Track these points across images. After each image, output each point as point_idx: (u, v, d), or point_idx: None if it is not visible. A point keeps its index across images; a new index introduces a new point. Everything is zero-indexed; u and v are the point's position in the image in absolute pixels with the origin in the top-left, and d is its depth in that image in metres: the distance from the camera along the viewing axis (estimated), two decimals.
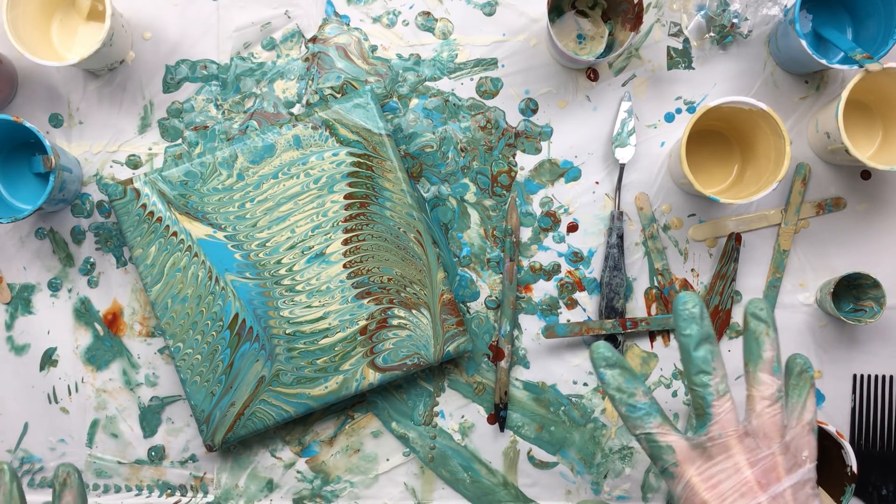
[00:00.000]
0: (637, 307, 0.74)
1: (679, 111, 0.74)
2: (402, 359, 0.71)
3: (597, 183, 0.74)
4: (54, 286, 0.75)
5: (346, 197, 0.71)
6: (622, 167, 0.73)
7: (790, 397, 0.50)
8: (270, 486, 0.74)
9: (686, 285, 0.74)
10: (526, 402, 0.74)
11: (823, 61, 0.66)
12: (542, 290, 0.74)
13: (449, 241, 0.74)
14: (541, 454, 0.74)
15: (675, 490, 0.49)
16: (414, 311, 0.71)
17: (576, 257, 0.74)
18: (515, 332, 0.74)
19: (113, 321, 0.74)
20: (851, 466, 0.64)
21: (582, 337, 0.74)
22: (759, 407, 0.49)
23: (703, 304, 0.50)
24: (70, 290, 0.75)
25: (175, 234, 0.70)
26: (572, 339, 0.74)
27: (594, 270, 0.74)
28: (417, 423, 0.74)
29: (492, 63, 0.74)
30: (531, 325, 0.74)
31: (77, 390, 0.75)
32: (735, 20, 0.71)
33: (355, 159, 0.71)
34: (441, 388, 0.74)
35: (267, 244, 0.70)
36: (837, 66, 0.67)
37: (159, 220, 0.70)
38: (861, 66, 0.65)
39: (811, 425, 0.49)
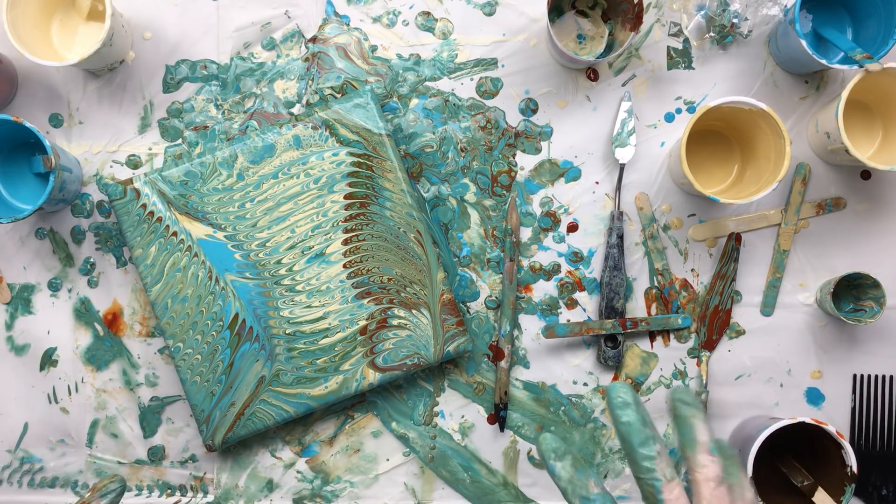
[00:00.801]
0: (637, 307, 0.74)
1: (679, 111, 0.74)
2: (402, 359, 0.71)
3: (597, 183, 0.74)
4: (54, 286, 0.75)
5: (346, 197, 0.71)
6: (622, 167, 0.73)
7: (728, 478, 0.49)
8: (270, 486, 0.74)
9: (686, 285, 0.74)
10: (526, 402, 0.74)
11: (823, 61, 0.66)
12: (542, 290, 0.74)
13: (449, 241, 0.74)
14: None
15: None
16: (414, 311, 0.71)
17: (576, 257, 0.74)
18: (515, 332, 0.74)
19: (113, 321, 0.74)
20: (851, 466, 0.64)
21: (582, 337, 0.74)
22: (706, 491, 0.47)
23: (634, 391, 0.49)
24: (70, 290, 0.75)
25: (175, 234, 0.70)
26: (572, 339, 0.74)
27: (594, 270, 0.74)
28: (417, 423, 0.74)
29: (492, 63, 0.74)
30: (531, 325, 0.74)
31: (77, 390, 0.75)
32: (735, 20, 0.71)
33: (355, 159, 0.71)
34: (441, 388, 0.74)
35: (267, 244, 0.70)
36: (837, 66, 0.67)
37: (159, 220, 0.70)
38: (861, 66, 0.65)
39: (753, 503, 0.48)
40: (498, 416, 0.73)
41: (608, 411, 0.47)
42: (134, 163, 0.74)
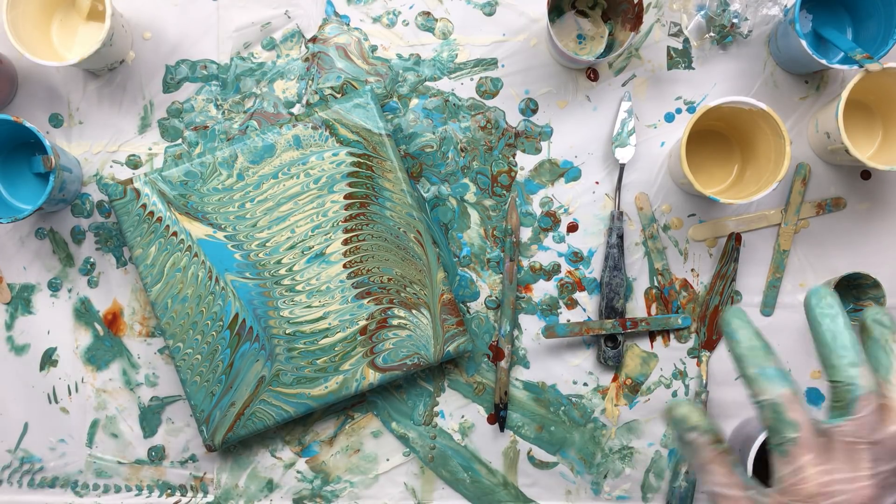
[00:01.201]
0: (637, 307, 0.74)
1: (679, 111, 0.74)
2: (402, 359, 0.71)
3: (597, 183, 0.74)
4: (54, 286, 0.75)
5: (346, 197, 0.71)
6: (622, 167, 0.73)
7: None
8: (270, 486, 0.74)
9: (686, 285, 0.74)
10: (526, 402, 0.74)
11: (823, 61, 0.66)
12: (542, 290, 0.74)
13: (449, 241, 0.74)
14: (541, 454, 0.74)
15: (782, 470, 0.45)
16: (414, 311, 0.71)
17: (576, 257, 0.74)
18: (515, 332, 0.74)
19: (113, 321, 0.74)
20: None
21: (582, 337, 0.74)
22: None
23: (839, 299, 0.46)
24: (70, 290, 0.75)
25: (175, 234, 0.70)
26: (572, 339, 0.74)
27: (594, 270, 0.74)
28: (417, 423, 0.74)
29: (492, 63, 0.74)
30: (531, 325, 0.74)
31: (77, 390, 0.75)
32: (735, 20, 0.71)
33: (355, 159, 0.71)
34: (441, 388, 0.74)
35: (267, 244, 0.70)
36: (837, 66, 0.67)
37: (159, 220, 0.70)
38: (861, 66, 0.65)
39: None
40: (498, 416, 0.73)
41: (806, 312, 0.46)
42: (134, 163, 0.74)
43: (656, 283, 0.74)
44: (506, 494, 0.74)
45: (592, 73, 0.74)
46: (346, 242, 0.71)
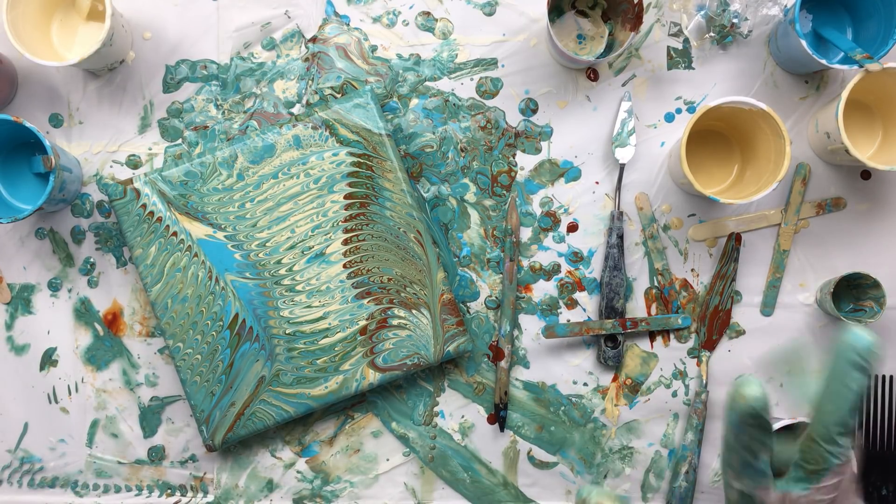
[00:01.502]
0: (637, 307, 0.74)
1: (679, 111, 0.74)
2: (402, 359, 0.71)
3: (597, 183, 0.74)
4: (54, 286, 0.75)
5: (346, 197, 0.71)
6: (622, 167, 0.73)
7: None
8: (270, 486, 0.74)
9: (686, 285, 0.74)
10: (526, 402, 0.74)
11: (823, 61, 0.66)
12: (542, 290, 0.74)
13: (449, 241, 0.74)
14: (541, 454, 0.74)
15: None
16: (414, 311, 0.71)
17: (576, 257, 0.74)
18: (515, 332, 0.74)
19: (113, 321, 0.74)
20: None
21: (582, 337, 0.74)
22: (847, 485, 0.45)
23: (878, 353, 0.44)
24: (70, 290, 0.75)
25: (175, 234, 0.70)
26: (572, 339, 0.74)
27: (594, 270, 0.74)
28: (417, 423, 0.74)
29: (492, 63, 0.74)
30: (531, 325, 0.74)
31: (77, 390, 0.75)
32: (735, 20, 0.71)
33: (355, 159, 0.71)
34: (441, 388, 0.74)
35: (267, 244, 0.70)
36: (837, 66, 0.67)
37: (159, 220, 0.70)
38: (861, 66, 0.65)
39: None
40: (498, 416, 0.73)
41: (837, 355, 0.43)
42: (134, 163, 0.74)
43: (656, 283, 0.74)
44: (506, 494, 0.74)
45: (592, 73, 0.74)
46: (346, 242, 0.71)
